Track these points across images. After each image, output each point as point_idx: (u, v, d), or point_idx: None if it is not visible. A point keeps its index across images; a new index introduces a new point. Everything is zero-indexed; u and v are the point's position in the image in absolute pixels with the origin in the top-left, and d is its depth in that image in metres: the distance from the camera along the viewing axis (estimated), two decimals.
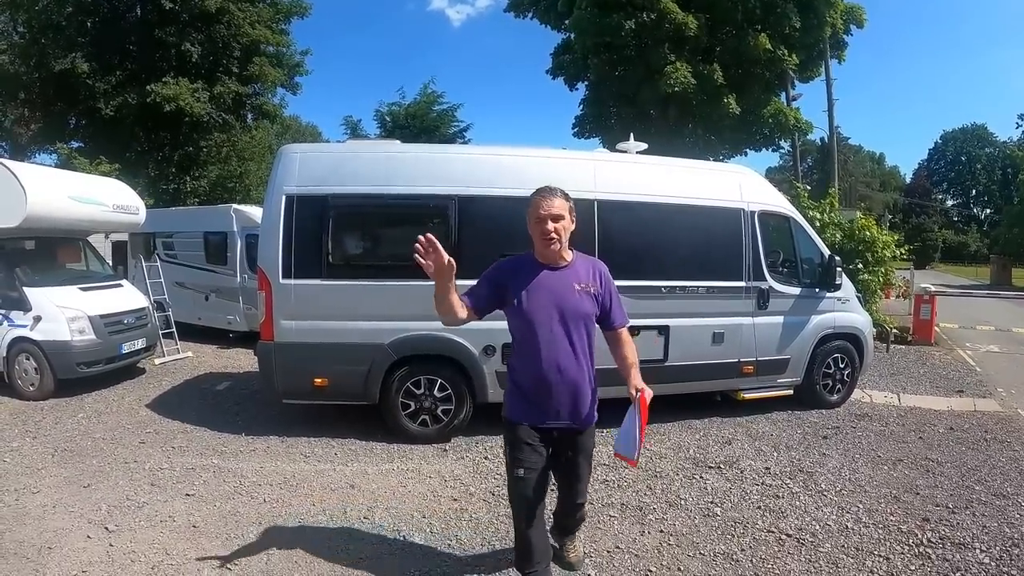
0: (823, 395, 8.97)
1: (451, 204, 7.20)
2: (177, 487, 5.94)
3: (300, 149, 7.54)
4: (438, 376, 7.29)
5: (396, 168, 7.35)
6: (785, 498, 5.89)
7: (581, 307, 3.77)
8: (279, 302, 7.03)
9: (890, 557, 4.84)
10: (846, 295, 9.07)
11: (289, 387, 7.29)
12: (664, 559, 4.76)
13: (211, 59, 28.62)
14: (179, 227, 15.61)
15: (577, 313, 3.76)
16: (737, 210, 8.18)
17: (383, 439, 7.27)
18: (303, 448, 7.07)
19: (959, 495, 6.07)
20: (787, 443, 7.50)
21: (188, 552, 4.73)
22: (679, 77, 23.72)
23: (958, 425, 8.46)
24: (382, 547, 4.87)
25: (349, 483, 6.10)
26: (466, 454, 6.98)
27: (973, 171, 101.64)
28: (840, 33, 28.53)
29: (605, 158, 8.29)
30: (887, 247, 15.10)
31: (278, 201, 7.08)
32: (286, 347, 7.09)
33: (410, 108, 31.97)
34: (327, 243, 7.05)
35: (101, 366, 9.64)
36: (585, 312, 3.78)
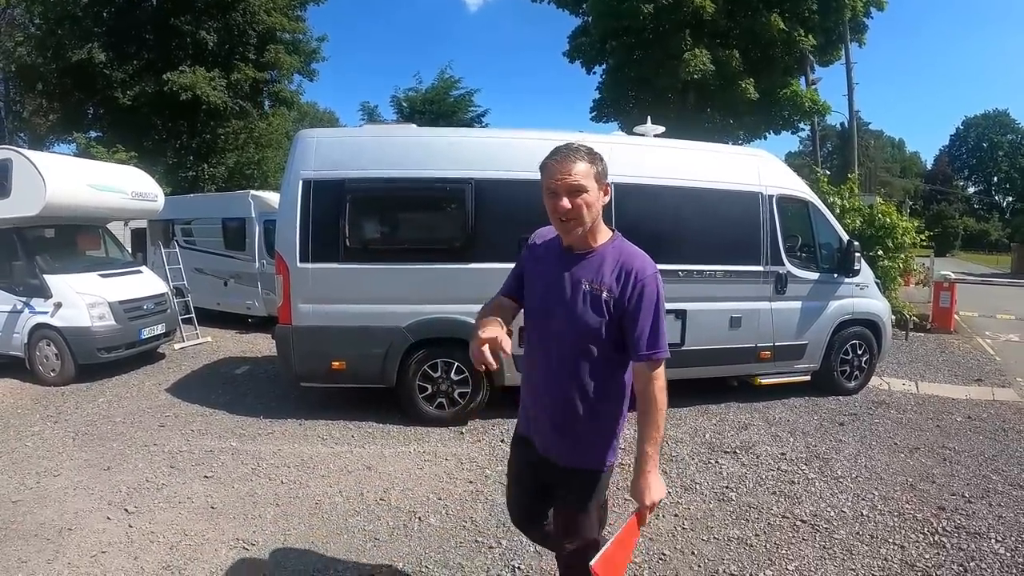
0: (840, 381, 8.90)
1: (467, 188, 7.20)
2: (196, 469, 6.01)
3: (316, 134, 7.56)
4: (455, 359, 7.30)
5: (412, 152, 7.36)
6: (800, 484, 5.88)
7: (583, 313, 2.67)
8: (297, 286, 7.06)
9: (905, 545, 4.82)
10: (865, 281, 8.99)
11: (307, 370, 7.32)
12: (678, 543, 4.77)
13: (227, 47, 28.64)
14: (197, 214, 15.70)
15: (574, 317, 2.69)
16: (755, 194, 8.11)
17: (400, 422, 7.32)
18: (320, 431, 7.12)
19: (976, 484, 6.02)
20: (803, 429, 7.47)
21: (206, 532, 4.79)
22: (698, 64, 23.52)
23: (976, 414, 8.38)
24: (398, 528, 4.91)
25: (366, 465, 6.15)
26: (482, 437, 7.01)
27: (995, 158, 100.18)
28: (860, 16, 28.16)
29: (622, 141, 8.24)
30: (907, 233, 14.98)
31: (295, 185, 7.10)
32: (304, 331, 7.13)
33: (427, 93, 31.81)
34: (344, 227, 7.07)
35: (121, 351, 9.74)
36: (586, 322, 2.67)
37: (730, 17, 25.11)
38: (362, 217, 7.30)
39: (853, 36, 29.24)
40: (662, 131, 8.85)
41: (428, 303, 7.15)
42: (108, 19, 27.61)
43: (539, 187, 2.75)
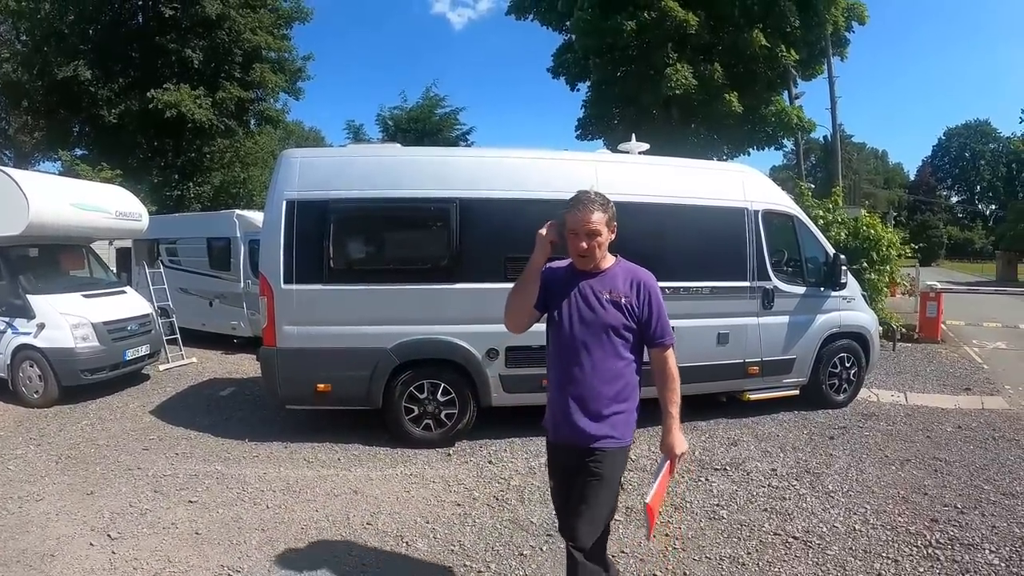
0: (829, 395, 8.91)
1: (452, 207, 7.18)
2: (180, 494, 5.92)
3: (300, 154, 7.55)
4: (441, 380, 7.26)
5: (396, 172, 7.34)
6: (792, 500, 5.85)
7: (606, 317, 3.35)
8: (281, 307, 7.01)
9: (898, 559, 4.79)
10: (851, 294, 9.02)
11: (292, 393, 7.26)
12: (670, 563, 4.72)
13: (212, 65, 28.60)
14: (182, 233, 15.61)
15: (600, 323, 3.36)
16: (740, 209, 8.14)
17: (386, 444, 7.24)
18: (306, 453, 7.04)
19: (968, 495, 6.02)
20: (793, 444, 7.45)
21: (191, 559, 4.71)
22: (680, 79, 23.64)
23: (966, 423, 8.40)
24: (385, 554, 4.84)
25: (352, 489, 6.07)
26: (470, 458, 6.95)
27: (977, 167, 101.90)
28: (842, 31, 28.45)
29: (607, 159, 8.28)
30: (892, 245, 15.06)
31: (279, 206, 7.06)
32: (288, 353, 7.07)
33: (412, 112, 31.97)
34: (328, 248, 7.03)
35: (105, 373, 9.63)
36: (607, 323, 3.35)
37: (713, 33, 25.26)
38: (346, 238, 7.27)
39: (835, 50, 29.54)
40: (647, 148, 8.86)
41: (414, 324, 7.11)
42: (94, 36, 27.59)
43: (525, 205, 3.43)
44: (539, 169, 7.55)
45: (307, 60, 33.21)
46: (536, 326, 7.02)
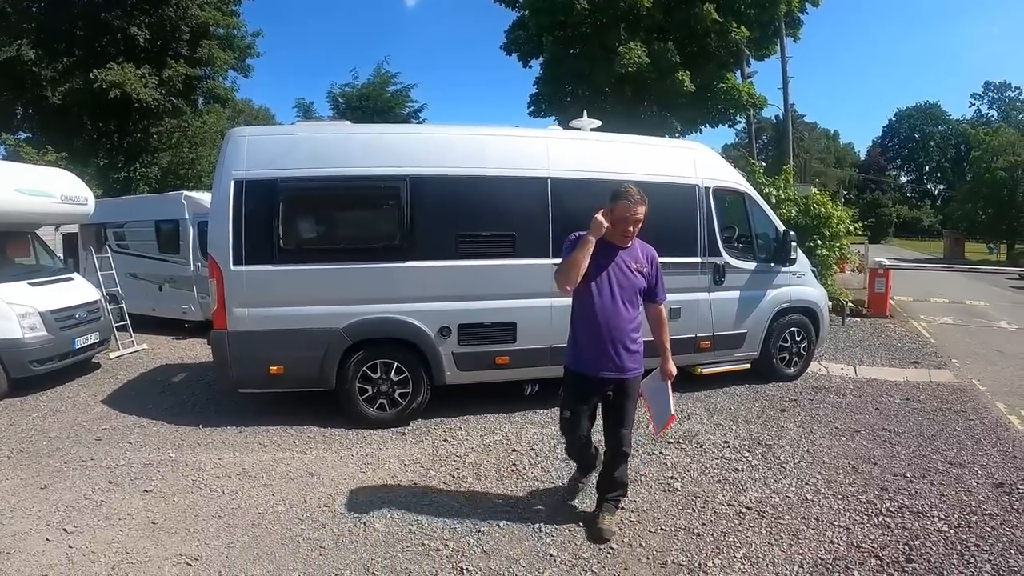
0: (780, 368, 9.08)
1: (402, 185, 7.12)
2: (135, 484, 5.80)
3: (248, 132, 7.40)
4: (394, 359, 7.22)
5: (346, 149, 7.27)
6: (744, 471, 5.96)
7: (636, 282, 4.63)
8: (231, 289, 6.89)
9: (850, 527, 4.92)
10: (801, 269, 9.18)
11: (244, 376, 7.16)
12: (626, 535, 4.78)
13: (159, 43, 27.81)
14: (130, 217, 15.19)
15: (632, 286, 4.62)
16: (692, 186, 8.21)
17: (341, 425, 7.18)
18: (261, 437, 6.95)
19: (916, 464, 6.18)
20: (745, 417, 7.58)
21: (148, 550, 4.63)
22: (633, 57, 23.62)
23: (914, 396, 8.62)
24: (344, 535, 4.82)
25: (308, 471, 6.02)
26: (425, 437, 6.94)
27: (926, 148, 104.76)
28: (795, 11, 28.63)
29: (558, 135, 8.25)
30: (842, 222, 15.31)
31: (227, 186, 6.93)
32: (239, 335, 6.96)
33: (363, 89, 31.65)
34: (278, 228, 6.92)
35: (55, 363, 9.32)
36: (637, 286, 4.64)
37: (667, 12, 25.29)
38: (296, 217, 7.17)
39: (788, 31, 29.68)
40: (598, 125, 8.88)
41: (365, 303, 7.05)
42: (37, 15, 26.67)
43: (477, 182, 5.21)
44: (490, 146, 7.54)
45: (256, 37, 32.66)
46: (489, 303, 7.00)
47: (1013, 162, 54.25)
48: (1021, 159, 54.49)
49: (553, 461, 6.16)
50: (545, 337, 7.49)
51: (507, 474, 5.91)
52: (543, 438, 6.84)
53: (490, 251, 7.32)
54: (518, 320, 7.45)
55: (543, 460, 6.24)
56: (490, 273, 7.32)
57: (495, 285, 7.35)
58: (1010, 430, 7.40)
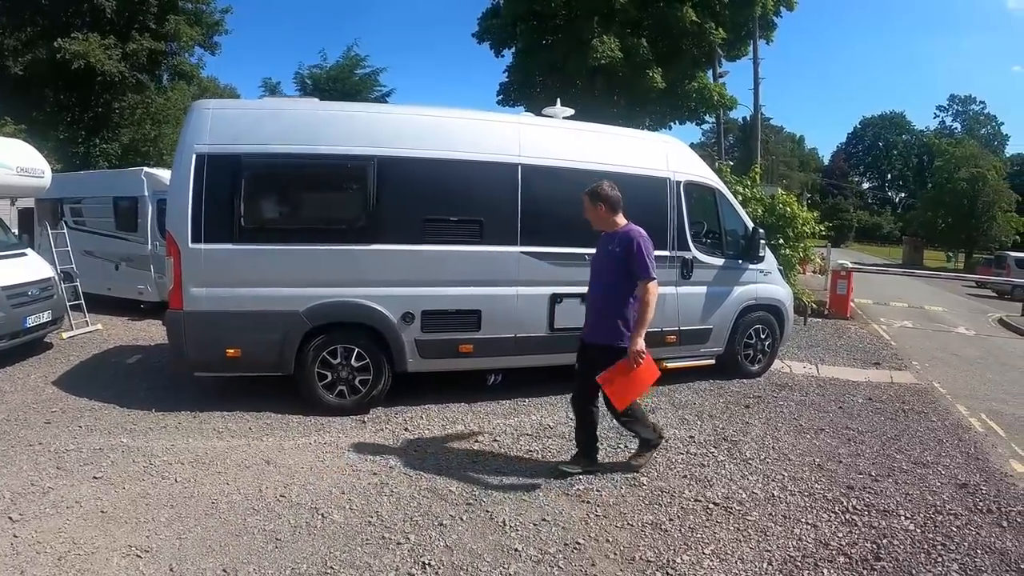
0: (745, 365, 9.10)
1: (370, 165, 6.95)
2: (84, 470, 5.55)
3: (213, 105, 7.15)
4: (355, 345, 7.05)
5: (313, 127, 7.06)
6: (711, 467, 5.93)
7: (609, 261, 5.32)
8: (188, 268, 6.65)
9: (818, 525, 4.90)
10: (768, 267, 9.20)
11: (200, 359, 6.93)
12: (592, 530, 4.70)
13: (126, 15, 27.20)
14: (88, 192, 14.74)
15: (608, 265, 5.34)
16: (663, 179, 8.15)
17: (300, 412, 6.98)
18: (216, 423, 6.73)
19: (881, 463, 6.22)
20: (710, 412, 7.56)
21: (97, 540, 4.42)
22: (606, 50, 23.66)
23: (876, 396, 8.71)
24: (300, 527, 4.65)
25: (264, 459, 5.82)
26: (386, 426, 6.78)
27: (890, 156, 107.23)
28: (770, 14, 28.92)
29: (530, 122, 8.14)
30: (807, 223, 15.45)
31: (188, 160, 6.68)
32: (196, 316, 6.73)
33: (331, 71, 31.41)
34: (239, 205, 6.70)
35: (5, 342, 8.94)
36: (611, 266, 5.31)
37: (643, 7, 25.30)
38: (259, 195, 6.96)
39: (762, 33, 29.99)
40: (571, 113, 8.80)
41: (327, 286, 6.87)
42: None
43: (445, 166, 5.14)
44: (460, 129, 7.42)
45: (225, 13, 32.06)
46: (454, 289, 7.17)
47: (975, 173, 55.92)
48: (982, 171, 56.25)
49: (516, 453, 6.07)
50: (510, 326, 7.41)
51: (469, 465, 5.78)
52: (506, 429, 6.73)
53: (457, 236, 7.20)
54: (483, 308, 7.33)
55: (506, 451, 6.13)
56: (456, 259, 7.20)
57: (461, 271, 7.22)
58: (971, 432, 7.52)
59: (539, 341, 7.62)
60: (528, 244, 7.38)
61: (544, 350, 7.70)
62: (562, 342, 7.49)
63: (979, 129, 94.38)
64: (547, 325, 7.57)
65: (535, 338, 7.59)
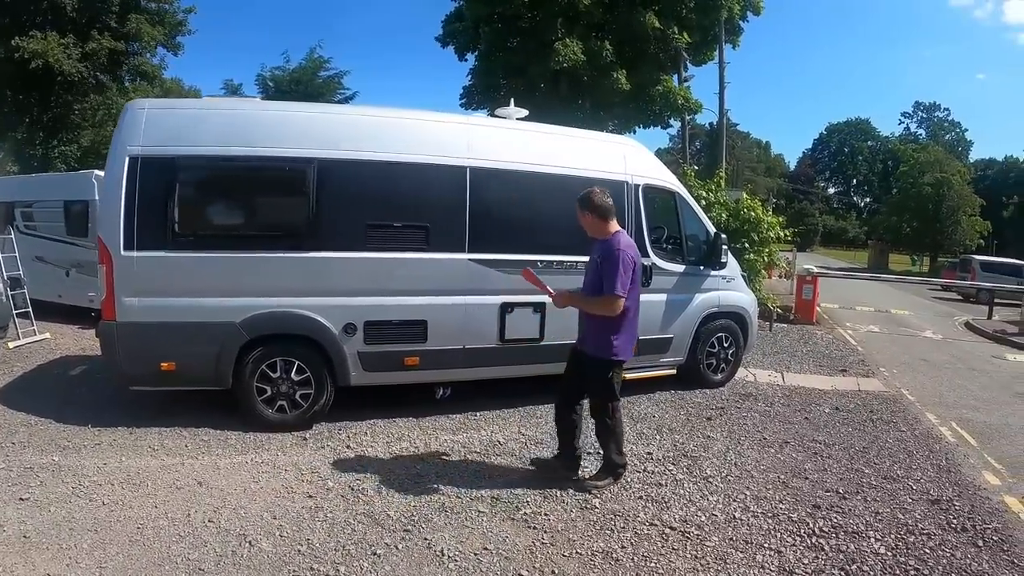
0: (707, 375, 8.90)
1: (309, 168, 6.63)
2: (11, 490, 5.20)
3: (148, 104, 6.79)
4: (295, 358, 6.73)
5: (251, 128, 6.73)
6: (668, 486, 5.68)
7: (593, 270, 5.37)
8: (121, 277, 6.30)
9: (782, 550, 4.67)
10: (731, 274, 9.01)
11: (134, 372, 6.58)
12: (537, 560, 4.42)
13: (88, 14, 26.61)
14: (38, 196, 14.24)
15: (592, 273, 5.39)
16: (620, 182, 7.89)
17: (239, 427, 6.64)
18: (152, 440, 6.37)
19: (849, 479, 6.03)
20: (670, 425, 7.33)
21: (16, 568, 4.11)
22: (569, 53, 23.52)
23: (843, 405, 8.58)
24: (225, 556, 4.35)
25: (197, 480, 5.50)
26: (327, 443, 6.46)
27: (855, 162, 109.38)
28: (736, 18, 28.96)
29: (481, 122, 7.94)
30: (772, 228, 15.39)
31: (120, 162, 6.33)
32: (129, 327, 6.38)
33: (294, 73, 30.99)
34: (173, 210, 6.36)
35: None
36: (594, 275, 5.33)
37: (607, 10, 25.22)
38: (193, 199, 6.63)
39: (728, 38, 30.06)
40: (525, 115, 8.55)
41: (265, 296, 6.55)
42: None
43: (391, 169, 5.24)
44: (405, 130, 7.14)
45: (188, 13, 31.43)
46: (399, 299, 6.89)
47: (940, 178, 56.77)
48: (947, 176, 57.18)
49: (463, 473, 5.78)
50: (458, 337, 7.13)
51: (411, 487, 5.47)
52: (454, 446, 6.45)
53: (401, 243, 6.91)
54: (429, 318, 7.03)
55: (452, 471, 5.83)
56: (400, 267, 6.91)
57: (405, 280, 6.94)
58: (941, 442, 7.39)
59: (489, 353, 7.35)
60: (477, 251, 7.11)
61: (495, 362, 7.45)
62: (514, 353, 7.31)
63: (944, 135, 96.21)
64: (497, 336, 7.29)
65: (485, 350, 7.32)
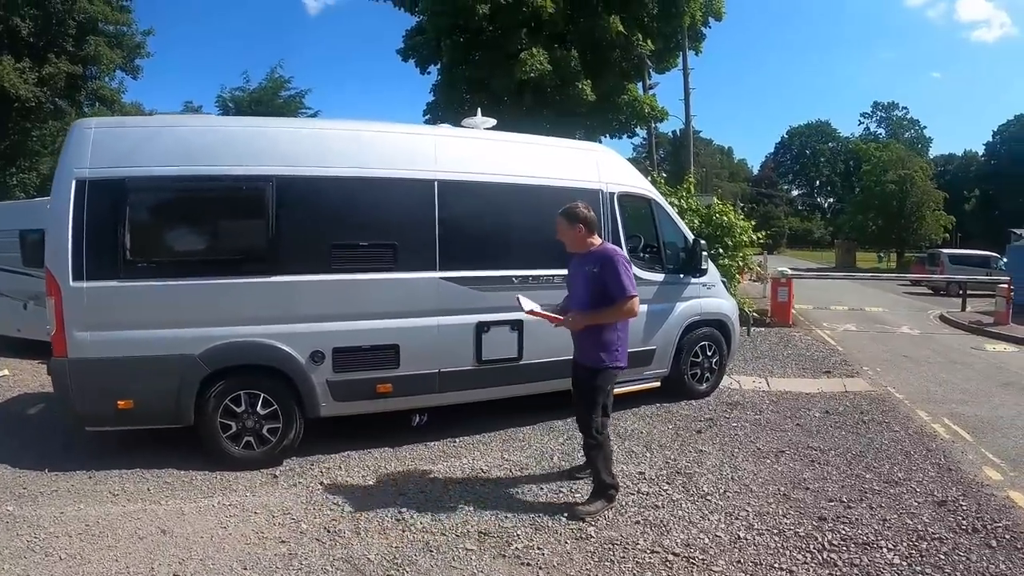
0: (692, 385, 8.70)
1: (268, 186, 6.28)
2: None
3: (95, 124, 6.37)
4: (260, 390, 6.33)
5: (206, 145, 6.35)
6: (665, 508, 5.38)
7: (588, 281, 5.28)
8: (71, 309, 5.88)
9: (793, 569, 4.41)
10: (711, 280, 8.83)
11: (90, 412, 6.14)
12: None
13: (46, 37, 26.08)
14: None
15: (586, 285, 5.32)
16: (595, 191, 7.65)
17: (205, 466, 6.22)
18: (113, 484, 5.94)
19: (850, 486, 5.83)
20: (660, 441, 7.06)
21: None
22: (534, 64, 23.35)
23: (833, 408, 8.44)
24: None
25: (160, 528, 5.08)
26: (299, 479, 6.06)
27: (817, 163, 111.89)
28: (699, 25, 29.10)
29: (448, 133, 7.60)
30: (744, 232, 15.39)
31: (67, 187, 5.93)
32: (82, 364, 5.94)
33: (255, 93, 30.64)
34: (124, 236, 5.96)
35: None
36: (589, 286, 5.28)
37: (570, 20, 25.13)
38: (145, 223, 6.24)
39: (691, 44, 30.15)
40: (493, 124, 8.29)
41: (225, 325, 6.16)
42: None
43: (355, 184, 6.14)
44: (370, 143, 6.83)
45: (147, 35, 31.29)
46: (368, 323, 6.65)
47: (903, 175, 57.52)
48: (910, 172, 57.95)
49: (446, 506, 5.42)
50: (433, 360, 6.80)
51: (392, 525, 5.09)
52: (434, 477, 6.08)
53: (368, 263, 6.57)
54: (401, 342, 6.68)
55: (434, 505, 5.46)
56: (369, 289, 6.57)
57: (374, 302, 6.61)
58: (937, 440, 7.25)
59: (466, 375, 7.02)
60: (449, 268, 6.80)
61: (472, 385, 7.12)
62: (492, 375, 6.99)
63: (903, 133, 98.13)
64: (474, 357, 6.98)
65: (462, 372, 6.99)
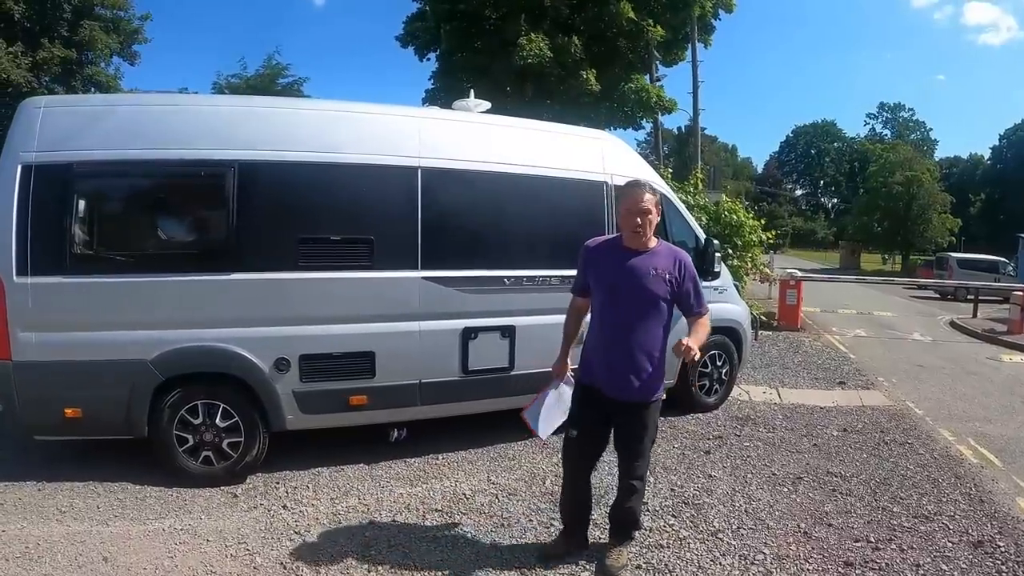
0: (700, 397, 8.12)
1: (229, 173, 5.63)
2: None
3: (44, 103, 5.74)
4: (219, 400, 5.73)
5: (161, 126, 5.73)
6: (671, 548, 4.72)
7: (655, 290, 4.15)
8: (15, 307, 5.27)
9: None
10: (724, 284, 8.24)
11: (35, 420, 5.55)
12: None
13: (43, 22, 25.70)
14: None
15: (649, 294, 4.15)
16: (599, 183, 7.02)
17: (162, 482, 5.62)
18: (61, 499, 5.34)
19: (877, 522, 5.22)
20: (664, 463, 6.40)
21: None
22: (533, 48, 22.80)
23: (851, 425, 7.88)
24: None
25: (103, 554, 4.49)
26: (261, 500, 5.43)
27: (822, 163, 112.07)
28: (708, 16, 28.71)
29: (435, 115, 7.03)
30: (754, 231, 14.92)
31: (12, 172, 5.31)
32: (27, 368, 5.35)
33: (251, 80, 30.27)
34: (72, 227, 5.37)
35: None
36: (656, 295, 4.16)
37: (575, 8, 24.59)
38: (93, 213, 5.58)
39: (700, 36, 29.75)
40: (487, 107, 7.65)
41: (180, 328, 5.55)
42: None
43: (330, 171, 5.72)
44: (344, 125, 6.22)
45: (144, 21, 31.04)
46: (339, 327, 6.03)
47: (910, 177, 57.18)
48: (916, 174, 57.62)
49: (422, 539, 4.78)
50: (413, 370, 6.18)
51: (356, 562, 4.43)
52: (411, 501, 5.42)
53: (341, 260, 5.94)
54: (377, 349, 6.03)
55: (409, 537, 4.80)
56: (340, 289, 5.95)
57: (347, 304, 5.97)
58: (964, 465, 6.69)
59: (450, 387, 6.40)
60: (432, 267, 6.15)
61: (457, 397, 6.49)
62: (480, 387, 6.39)
63: (909, 135, 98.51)
64: (459, 367, 6.35)
65: (445, 383, 6.36)
